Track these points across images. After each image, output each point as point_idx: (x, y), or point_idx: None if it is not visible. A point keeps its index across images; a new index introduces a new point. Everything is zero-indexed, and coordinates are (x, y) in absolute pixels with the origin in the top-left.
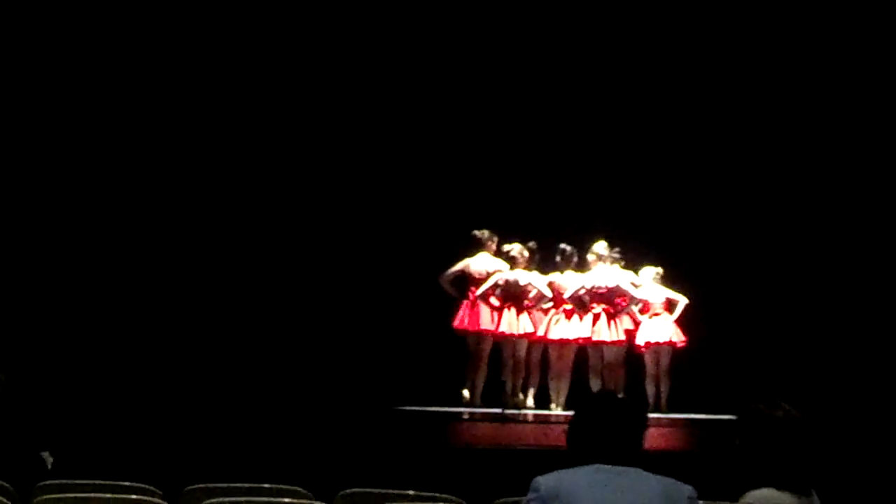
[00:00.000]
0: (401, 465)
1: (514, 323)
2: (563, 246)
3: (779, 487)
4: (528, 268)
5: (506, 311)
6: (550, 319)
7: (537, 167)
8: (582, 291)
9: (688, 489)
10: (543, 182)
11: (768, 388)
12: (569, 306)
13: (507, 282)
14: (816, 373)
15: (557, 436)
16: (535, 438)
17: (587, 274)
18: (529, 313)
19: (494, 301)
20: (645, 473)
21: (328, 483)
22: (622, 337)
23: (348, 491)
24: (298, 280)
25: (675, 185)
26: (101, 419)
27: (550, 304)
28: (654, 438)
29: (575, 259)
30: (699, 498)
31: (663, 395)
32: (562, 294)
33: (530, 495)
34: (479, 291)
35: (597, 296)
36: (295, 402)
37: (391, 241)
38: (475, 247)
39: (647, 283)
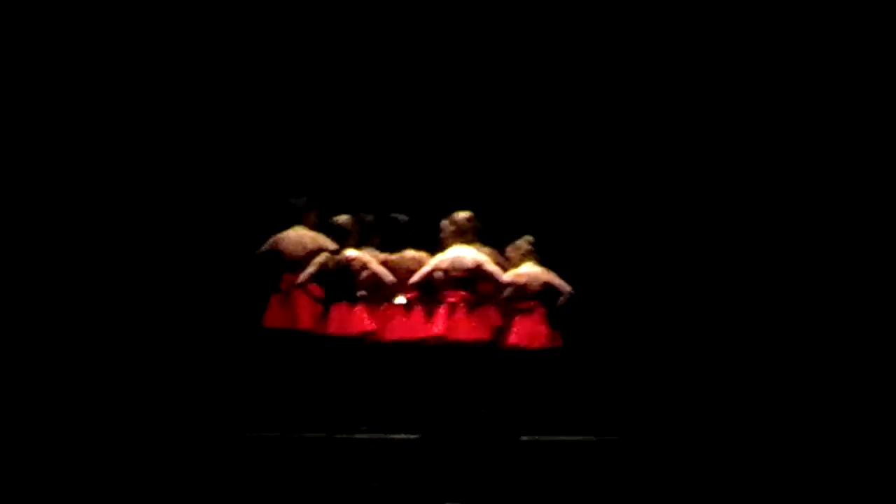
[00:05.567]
0: None
1: (345, 319)
2: (396, 215)
3: None
4: (359, 246)
5: (333, 303)
6: (386, 314)
7: (365, 120)
8: (438, 274)
9: None
10: (375, 139)
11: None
12: (403, 298)
13: (335, 263)
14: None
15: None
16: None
17: (442, 253)
18: (366, 306)
19: (316, 291)
20: None
21: None
22: (484, 335)
23: None
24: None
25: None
26: None
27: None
28: None
29: (412, 232)
30: None
31: None
32: (402, 280)
33: None
34: (300, 279)
35: (452, 281)
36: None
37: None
38: (289, 220)
39: (517, 261)
